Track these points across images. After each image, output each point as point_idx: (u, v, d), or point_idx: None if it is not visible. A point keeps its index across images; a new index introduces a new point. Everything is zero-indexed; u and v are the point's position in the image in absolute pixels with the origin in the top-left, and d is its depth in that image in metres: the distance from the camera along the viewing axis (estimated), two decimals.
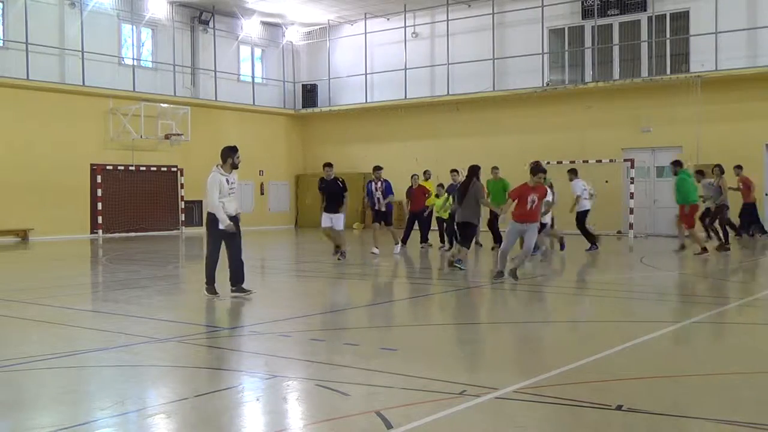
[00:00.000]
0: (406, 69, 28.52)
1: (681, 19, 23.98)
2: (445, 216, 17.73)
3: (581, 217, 17.61)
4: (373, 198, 17.15)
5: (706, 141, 22.23)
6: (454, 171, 17.65)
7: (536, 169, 11.90)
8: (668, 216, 21.41)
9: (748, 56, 22.56)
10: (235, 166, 10.31)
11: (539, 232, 12.97)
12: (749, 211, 19.82)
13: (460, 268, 13.30)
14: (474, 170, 13.65)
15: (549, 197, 12.95)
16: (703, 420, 4.90)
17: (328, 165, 15.78)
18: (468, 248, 13.78)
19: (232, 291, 10.37)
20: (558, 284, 12.62)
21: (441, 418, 4.90)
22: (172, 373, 6.43)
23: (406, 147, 28.20)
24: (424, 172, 20.43)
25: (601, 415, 4.97)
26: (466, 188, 13.49)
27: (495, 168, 18.22)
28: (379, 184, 17.13)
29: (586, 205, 17.70)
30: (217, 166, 10.27)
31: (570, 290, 12.07)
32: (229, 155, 10.25)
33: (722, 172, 18.00)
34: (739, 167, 19.91)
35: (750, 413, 4.98)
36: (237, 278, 10.40)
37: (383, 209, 17.10)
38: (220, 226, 10.11)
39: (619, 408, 5.02)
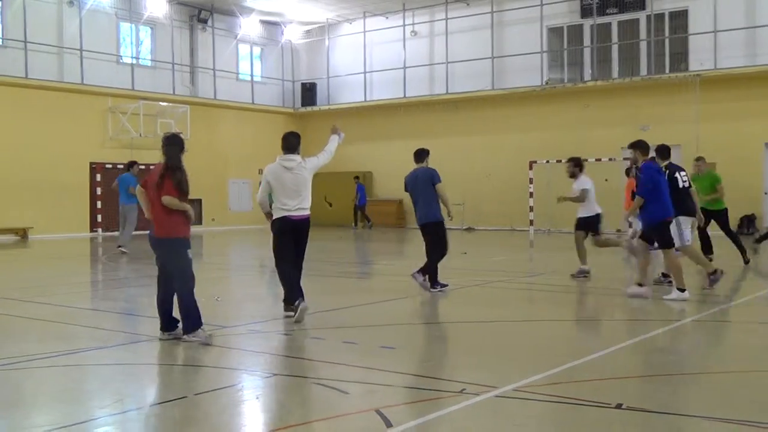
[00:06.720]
0: (405, 67, 28.51)
1: (680, 17, 24.00)
2: None
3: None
4: None
5: (705, 140, 22.21)
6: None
7: None
8: None
9: (746, 55, 22.58)
10: None
11: None
12: None
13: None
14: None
15: None
16: (701, 418, 4.90)
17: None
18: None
19: None
20: (556, 283, 12.61)
21: (440, 416, 4.90)
22: (171, 371, 6.43)
23: (405, 145, 28.07)
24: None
25: (601, 413, 4.97)
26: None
27: (699, 158, 14.20)
28: None
29: None
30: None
31: (569, 289, 12.07)
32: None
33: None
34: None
35: (748, 412, 4.98)
36: None
37: None
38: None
39: (618, 406, 5.02)
